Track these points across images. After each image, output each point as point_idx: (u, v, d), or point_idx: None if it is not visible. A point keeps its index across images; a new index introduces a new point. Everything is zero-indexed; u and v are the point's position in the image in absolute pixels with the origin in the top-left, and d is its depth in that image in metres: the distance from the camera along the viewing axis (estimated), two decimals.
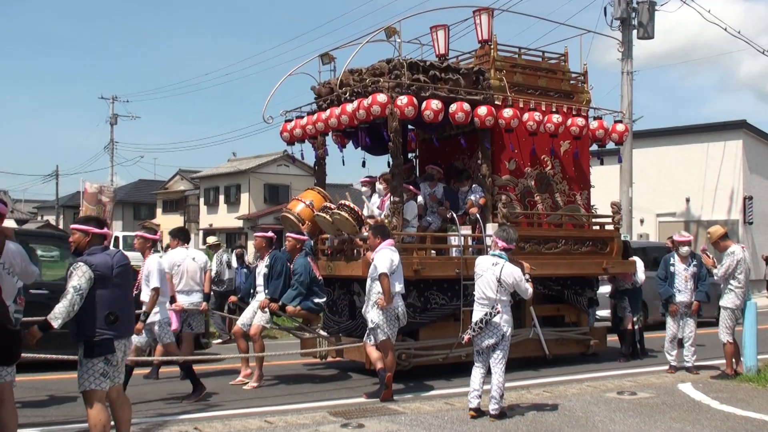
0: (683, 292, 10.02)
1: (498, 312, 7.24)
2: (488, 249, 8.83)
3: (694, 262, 10.08)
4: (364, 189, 11.25)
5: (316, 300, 9.24)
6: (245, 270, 13.00)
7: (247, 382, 9.30)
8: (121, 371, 5.92)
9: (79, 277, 5.50)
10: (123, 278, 5.82)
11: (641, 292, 12.10)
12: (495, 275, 7.28)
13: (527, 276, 7.45)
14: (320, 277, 9.39)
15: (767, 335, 12.26)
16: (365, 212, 10.21)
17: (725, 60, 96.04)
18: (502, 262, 7.35)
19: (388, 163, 10.27)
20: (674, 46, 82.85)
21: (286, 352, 10.92)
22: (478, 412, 7.31)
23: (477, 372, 7.41)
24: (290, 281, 9.46)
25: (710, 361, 10.75)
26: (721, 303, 9.61)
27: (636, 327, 11.74)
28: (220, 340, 13.42)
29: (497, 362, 7.36)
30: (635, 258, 11.92)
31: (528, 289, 7.41)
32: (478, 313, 7.38)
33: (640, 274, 11.71)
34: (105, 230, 5.87)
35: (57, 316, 5.44)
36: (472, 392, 7.37)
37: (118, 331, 5.70)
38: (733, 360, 9.67)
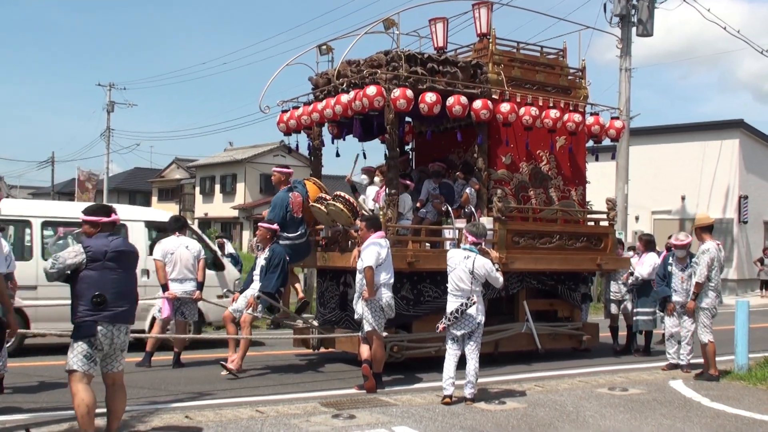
0: (679, 292, 9.95)
1: (474, 303, 7.57)
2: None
3: (692, 261, 9.99)
4: (363, 177, 11.25)
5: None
6: (228, 259, 12.98)
7: (230, 370, 9.07)
8: (116, 358, 5.86)
9: (68, 251, 5.73)
10: (118, 263, 5.81)
11: (650, 286, 11.29)
12: (468, 268, 7.62)
13: (497, 265, 7.79)
14: (297, 215, 9.78)
15: (759, 334, 12.29)
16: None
17: (725, 59, 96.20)
18: (473, 255, 7.68)
19: (385, 155, 10.24)
20: (674, 44, 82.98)
21: (280, 337, 10.93)
22: (453, 399, 7.59)
23: (450, 360, 7.71)
24: (286, 276, 9.46)
25: None
26: (697, 304, 9.40)
27: (640, 319, 11.46)
28: None
29: (472, 350, 7.70)
30: (651, 254, 11.59)
31: (499, 278, 7.71)
32: (452, 304, 7.71)
33: (645, 267, 11.37)
34: (113, 217, 5.98)
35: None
36: (446, 380, 7.64)
37: (106, 314, 5.68)
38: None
